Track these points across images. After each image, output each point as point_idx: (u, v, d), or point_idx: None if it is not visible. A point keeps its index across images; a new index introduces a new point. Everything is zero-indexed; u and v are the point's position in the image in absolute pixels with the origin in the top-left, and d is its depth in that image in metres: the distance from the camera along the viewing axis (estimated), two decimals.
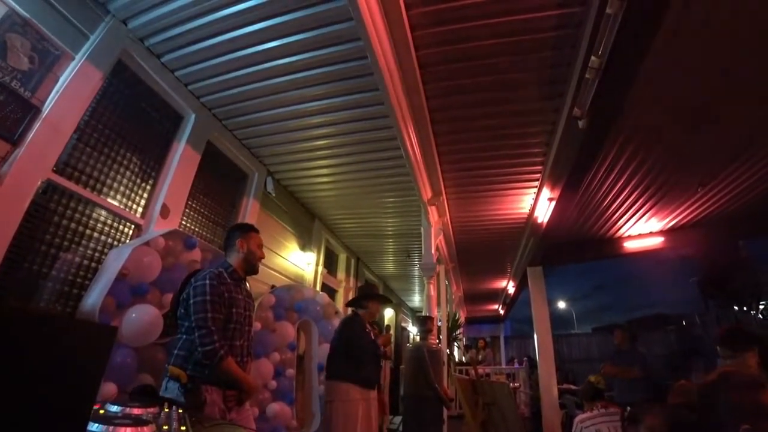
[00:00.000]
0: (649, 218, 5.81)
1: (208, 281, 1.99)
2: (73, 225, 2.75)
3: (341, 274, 7.61)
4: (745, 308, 11.00)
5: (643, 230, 6.34)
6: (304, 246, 5.79)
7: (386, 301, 3.81)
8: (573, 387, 7.74)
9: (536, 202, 5.17)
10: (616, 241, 6.69)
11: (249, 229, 2.34)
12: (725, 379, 2.01)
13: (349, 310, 3.64)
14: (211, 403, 1.87)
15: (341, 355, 3.08)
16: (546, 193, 4.67)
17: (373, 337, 3.25)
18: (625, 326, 4.96)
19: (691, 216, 5.73)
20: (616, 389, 4.67)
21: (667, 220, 5.89)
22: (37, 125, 2.45)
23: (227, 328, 2.01)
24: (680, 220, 5.91)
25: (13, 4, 2.37)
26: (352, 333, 3.14)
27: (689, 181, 4.73)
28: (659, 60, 2.78)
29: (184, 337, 1.96)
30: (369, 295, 3.43)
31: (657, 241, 6.38)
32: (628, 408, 3.47)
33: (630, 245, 6.60)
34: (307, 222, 6.10)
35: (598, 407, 3.28)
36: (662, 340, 12.83)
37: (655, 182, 4.68)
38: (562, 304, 29.49)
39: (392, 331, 7.92)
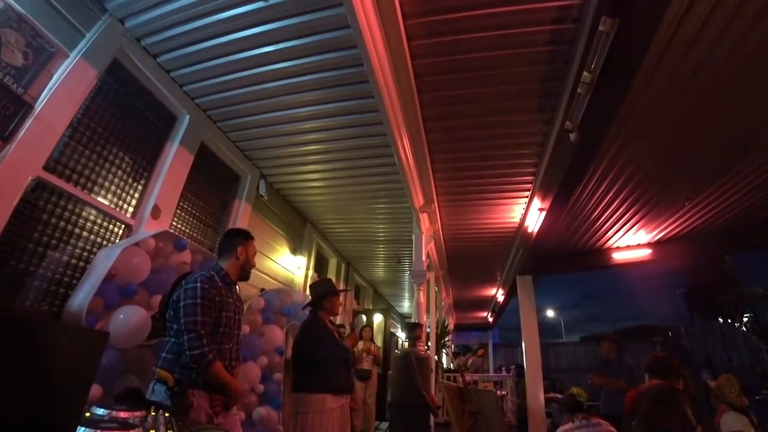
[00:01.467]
0: (638, 230, 5.90)
1: (199, 284, 1.97)
2: (62, 223, 2.72)
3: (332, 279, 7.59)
4: (729, 320, 11.20)
5: (631, 242, 6.43)
6: (294, 250, 5.78)
7: (343, 292, 3.34)
8: (559, 396, 7.78)
9: (527, 212, 5.22)
10: (605, 252, 6.77)
11: (249, 237, 2.33)
12: None
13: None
14: (198, 408, 1.85)
15: (307, 365, 2.77)
16: (537, 203, 4.72)
17: (338, 337, 2.95)
18: (613, 337, 5.01)
19: (679, 229, 5.83)
20: (603, 400, 4.71)
21: (655, 232, 5.98)
22: (28, 122, 2.43)
23: (216, 332, 2.00)
24: (668, 233, 6.00)
25: None
26: (316, 339, 2.82)
27: (677, 195, 4.81)
28: (650, 75, 2.85)
29: (173, 340, 1.95)
30: (325, 294, 3.02)
31: (645, 253, 6.48)
32: None
33: (618, 256, 6.69)
34: (299, 226, 6.09)
35: (579, 418, 3.28)
36: (649, 351, 12.94)
37: (644, 195, 4.76)
38: (550, 313, 29.68)
39: (376, 337, 7.88)
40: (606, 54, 2.38)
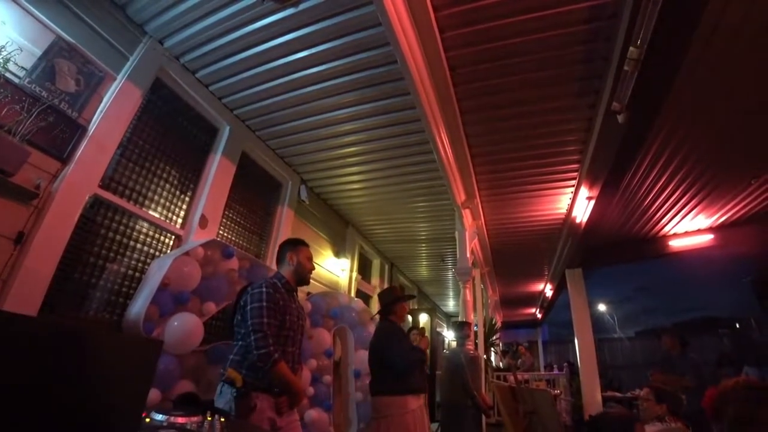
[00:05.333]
0: (696, 215, 5.50)
1: (264, 289, 2.09)
2: (118, 237, 2.87)
3: (375, 280, 7.61)
4: None
5: (690, 228, 6.00)
6: (338, 252, 5.83)
7: (410, 298, 3.60)
8: (618, 394, 7.38)
9: (574, 202, 5.00)
10: (661, 240, 6.36)
11: (298, 243, 2.42)
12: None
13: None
14: (260, 411, 1.91)
15: (389, 369, 2.85)
16: (584, 192, 4.51)
17: (414, 342, 3.11)
18: (675, 331, 4.68)
19: (744, 211, 5.37)
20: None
21: (717, 216, 5.55)
22: (84, 143, 2.58)
23: (280, 335, 2.08)
24: (731, 216, 5.55)
25: (60, 31, 2.52)
26: (394, 343, 2.90)
27: (740, 174, 4.43)
28: (705, 44, 2.63)
29: (240, 342, 2.04)
30: (392, 301, 3.16)
31: (706, 239, 6.01)
32: None
33: (676, 244, 6.26)
34: (341, 228, 6.14)
35: (667, 422, 3.10)
36: (714, 346, 12.04)
37: (702, 176, 4.42)
38: (602, 307, 28.38)
39: (427, 335, 7.79)
40: (654, 25, 2.22)
